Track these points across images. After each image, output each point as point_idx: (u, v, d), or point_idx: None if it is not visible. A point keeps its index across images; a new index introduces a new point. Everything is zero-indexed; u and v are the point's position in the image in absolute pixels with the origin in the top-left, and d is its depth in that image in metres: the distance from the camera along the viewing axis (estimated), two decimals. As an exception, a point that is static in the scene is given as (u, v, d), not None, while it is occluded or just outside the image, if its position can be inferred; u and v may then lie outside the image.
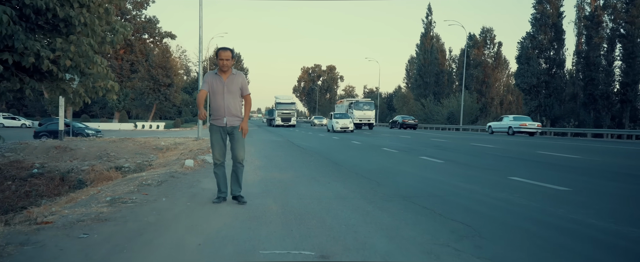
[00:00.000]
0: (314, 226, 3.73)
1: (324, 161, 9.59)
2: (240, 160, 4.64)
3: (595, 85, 40.02)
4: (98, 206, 4.46)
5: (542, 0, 43.10)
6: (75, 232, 3.45)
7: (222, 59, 4.44)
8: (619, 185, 6.36)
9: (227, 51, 4.47)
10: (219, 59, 4.45)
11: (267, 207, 4.50)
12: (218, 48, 4.52)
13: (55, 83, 5.23)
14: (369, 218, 4.03)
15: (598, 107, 40.29)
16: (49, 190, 10.79)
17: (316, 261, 2.85)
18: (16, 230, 3.46)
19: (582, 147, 14.69)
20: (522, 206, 4.68)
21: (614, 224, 3.83)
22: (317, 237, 3.37)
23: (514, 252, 3.11)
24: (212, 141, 4.62)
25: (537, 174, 7.16)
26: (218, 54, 4.47)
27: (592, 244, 3.30)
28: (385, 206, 4.59)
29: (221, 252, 3.03)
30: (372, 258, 2.91)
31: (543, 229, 3.71)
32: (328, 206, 4.55)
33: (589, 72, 40.48)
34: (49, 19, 4.80)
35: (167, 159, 11.75)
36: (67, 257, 2.88)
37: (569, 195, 5.31)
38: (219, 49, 4.49)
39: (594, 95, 40.01)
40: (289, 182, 6.21)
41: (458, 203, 4.81)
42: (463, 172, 7.55)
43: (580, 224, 3.82)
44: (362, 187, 5.79)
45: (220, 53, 4.46)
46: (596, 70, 40.05)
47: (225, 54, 4.44)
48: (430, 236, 3.44)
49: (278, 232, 3.52)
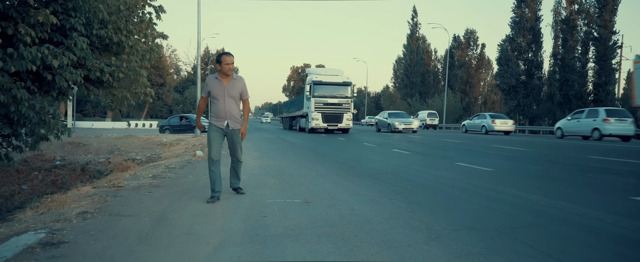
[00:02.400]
0: (300, 189, 5.50)
1: (310, 153, 11.36)
2: (238, 158, 4.96)
3: (570, 86, 42.23)
4: (145, 179, 6.18)
5: (521, 4, 45.26)
6: (142, 192, 5.19)
7: (227, 64, 4.60)
8: (535, 168, 8.22)
9: (231, 56, 4.64)
10: (225, 64, 4.60)
11: (267, 181, 6.25)
12: (221, 53, 4.70)
13: (108, 90, 6.94)
14: (339, 185, 5.82)
15: (572, 106, 42.48)
16: (72, 179, 12.38)
17: (301, 203, 4.63)
18: (104, 191, 5.18)
19: (535, 143, 16.64)
20: (451, 178, 6.50)
21: (512, 188, 5.65)
22: (302, 194, 5.14)
23: (427, 201, 4.90)
24: (210, 138, 4.70)
25: (478, 161, 9.01)
26: (221, 59, 4.61)
27: (485, 199, 5.09)
28: (353, 180, 6.38)
29: (242, 202, 4.76)
30: (336, 204, 4.67)
31: (455, 191, 5.52)
32: (311, 180, 6.32)
33: (564, 74, 42.67)
34: (106, 43, 6.52)
35: (174, 152, 13.41)
36: (147, 203, 4.61)
37: (491, 173, 7.15)
38: (221, 54, 4.65)
39: (569, 96, 42.24)
40: (282, 167, 7.97)
41: (406, 178, 6.61)
42: (421, 160, 9.37)
43: (484, 188, 5.63)
44: (338, 169, 7.59)
45: (224, 58, 4.60)
46: (571, 72, 42.26)
47: (229, 59, 4.60)
48: (377, 193, 5.23)
49: (276, 193, 5.28)
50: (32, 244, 3.06)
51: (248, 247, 3.13)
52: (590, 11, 42.36)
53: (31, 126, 5.46)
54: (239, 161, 5.02)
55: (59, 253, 2.95)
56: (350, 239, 3.30)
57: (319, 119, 21.53)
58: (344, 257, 2.89)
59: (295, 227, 3.65)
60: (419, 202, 4.76)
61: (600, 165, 8.38)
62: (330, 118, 21.66)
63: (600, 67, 41.08)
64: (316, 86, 21.76)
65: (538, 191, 5.41)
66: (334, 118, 21.73)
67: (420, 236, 3.39)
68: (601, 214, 4.10)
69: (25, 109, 5.14)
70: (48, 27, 5.43)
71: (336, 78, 22.11)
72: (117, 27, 6.45)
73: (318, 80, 21.85)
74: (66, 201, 4.68)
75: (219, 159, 4.72)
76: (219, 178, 4.72)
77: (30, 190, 12.09)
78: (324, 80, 21.89)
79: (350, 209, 4.36)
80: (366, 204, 4.59)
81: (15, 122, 5.31)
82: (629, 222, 3.81)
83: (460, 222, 3.82)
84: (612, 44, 40.65)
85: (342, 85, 21.97)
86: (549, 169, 8.07)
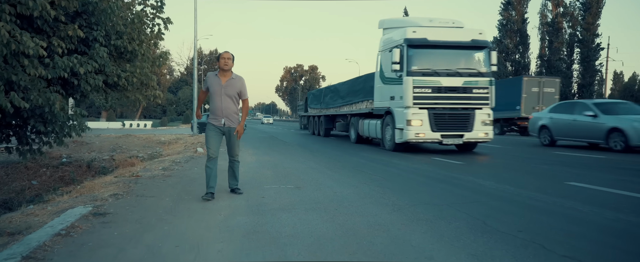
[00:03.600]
0: (293, 179, 6.43)
1: (302, 150, 12.29)
2: (235, 156, 5.05)
3: (556, 86, 43.52)
4: (157, 171, 7.08)
5: (508, 7, 46.49)
6: (157, 180, 6.10)
7: (224, 58, 4.76)
8: (499, 160, 9.21)
9: (229, 53, 4.82)
10: (221, 58, 4.77)
11: (263, 172, 7.17)
12: (221, 52, 4.88)
13: (122, 93, 7.82)
14: (326, 175, 6.76)
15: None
16: (79, 175, 13.19)
17: (293, 188, 5.56)
18: (125, 179, 6.09)
19: (511, 141, 17.69)
20: (424, 169, 7.47)
21: (472, 176, 6.61)
22: (294, 182, 6.07)
23: (398, 186, 5.84)
24: (208, 136, 4.82)
25: (452, 156, 9.98)
26: (220, 56, 4.81)
27: (446, 184, 6.04)
28: (339, 171, 7.32)
29: (244, 186, 5.68)
30: (323, 189, 5.60)
31: (424, 178, 6.48)
32: (303, 172, 7.26)
33: (550, 74, 43.93)
34: (121, 52, 7.41)
35: (174, 150, 14.28)
36: (164, 188, 5.52)
37: (461, 166, 8.13)
38: (221, 53, 4.87)
39: (554, 96, 43.57)
40: (276, 161, 8.90)
41: (385, 170, 7.55)
42: (403, 155, 10.33)
43: (449, 177, 6.59)
44: (327, 163, 8.53)
45: (222, 54, 4.82)
46: (557, 73, 43.53)
47: (226, 54, 4.79)
48: (358, 181, 6.18)
49: (272, 181, 6.20)
50: (85, 214, 3.97)
51: (251, 216, 4.05)
52: (574, 14, 43.71)
53: (61, 124, 6.34)
54: (236, 160, 5.08)
55: (107, 220, 3.86)
56: (331, 211, 4.24)
57: (424, 123, 10.12)
58: (325, 221, 3.82)
59: (288, 204, 4.58)
60: (392, 187, 5.71)
61: (557, 159, 9.39)
62: (449, 121, 10.27)
63: (584, 68, 42.45)
64: (417, 51, 10.30)
65: (492, 178, 6.39)
66: (455, 121, 10.32)
67: (386, 209, 4.33)
68: (533, 194, 5.08)
69: (57, 110, 6.02)
70: (75, 39, 6.32)
71: (457, 34, 10.64)
72: (131, 38, 7.34)
73: (421, 37, 10.30)
74: (95, 187, 5.58)
75: (217, 156, 4.83)
76: (215, 175, 4.82)
77: (40, 185, 12.90)
78: (434, 37, 10.33)
79: (333, 192, 5.30)
80: (347, 189, 5.54)
81: (48, 121, 6.19)
82: (551, 199, 4.78)
83: (420, 200, 4.78)
84: (595, 45, 41.96)
85: (469, 49, 10.61)
86: (510, 162, 9.06)
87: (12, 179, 13.47)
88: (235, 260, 2.87)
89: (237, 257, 2.93)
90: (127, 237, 3.37)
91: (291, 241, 3.26)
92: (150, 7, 7.74)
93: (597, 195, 5.13)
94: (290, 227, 3.64)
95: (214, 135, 4.84)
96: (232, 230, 3.58)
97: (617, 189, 5.44)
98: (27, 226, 3.72)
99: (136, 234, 3.45)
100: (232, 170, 5.14)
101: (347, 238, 3.33)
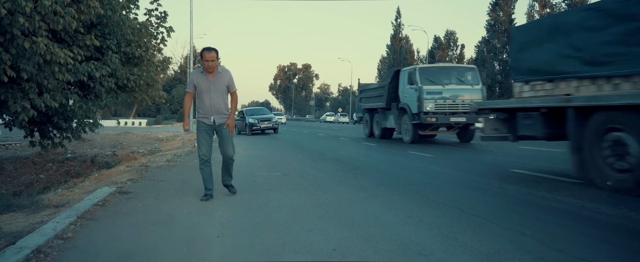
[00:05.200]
0: (281, 167, 7.45)
1: (293, 145, 13.31)
2: (230, 156, 4.79)
3: (541, 85, 44.80)
4: (162, 162, 8.07)
5: (496, 8, 47.73)
6: (164, 169, 7.09)
7: (206, 60, 4.44)
8: (460, 154, 10.28)
9: (212, 52, 4.47)
10: (204, 60, 4.45)
11: (256, 163, 8.18)
12: (203, 49, 4.48)
13: (131, 94, 8.81)
14: (310, 165, 7.79)
15: (543, 104, 45.16)
16: (84, 170, 14.10)
17: (281, 175, 6.58)
18: (137, 168, 7.08)
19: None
20: (397, 161, 8.51)
21: (436, 166, 7.65)
22: (282, 170, 7.09)
23: (369, 173, 6.86)
24: (199, 138, 4.69)
25: (426, 150, 11.05)
26: (202, 55, 4.44)
27: (411, 171, 7.08)
28: (322, 162, 8.35)
29: (240, 173, 6.68)
30: (305, 175, 6.61)
31: (394, 167, 7.52)
32: (290, 162, 8.28)
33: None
34: (129, 57, 8.39)
35: (172, 145, 15.23)
36: (171, 175, 6.51)
37: (431, 158, 9.19)
38: (203, 49, 4.47)
39: (540, 94, 44.80)
40: (267, 155, 9.91)
41: (362, 161, 8.59)
42: (384, 150, 11.38)
43: (416, 167, 7.63)
44: (312, 156, 9.56)
45: (204, 54, 4.44)
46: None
47: (210, 55, 4.44)
48: (336, 169, 7.21)
49: (264, 169, 7.22)
50: (112, 192, 4.96)
51: (245, 195, 5.06)
52: (559, 15, 45.02)
53: (78, 121, 7.31)
54: (231, 159, 4.84)
55: (130, 196, 4.86)
56: (309, 191, 5.27)
57: None
58: (304, 197, 4.84)
59: (276, 186, 5.60)
60: (363, 174, 6.75)
61: (516, 151, 10.48)
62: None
63: (569, 67, 43.71)
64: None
65: (451, 167, 7.45)
66: None
67: (354, 189, 5.36)
68: (476, 178, 6.14)
69: (77, 108, 7.00)
70: (91, 47, 7.29)
71: None
72: (138, 45, 8.32)
73: None
74: (112, 174, 6.57)
75: (210, 157, 4.68)
76: (211, 176, 4.72)
77: (47, 179, 13.79)
78: None
79: (314, 177, 6.33)
80: (325, 175, 6.57)
81: (68, 118, 7.17)
82: (488, 181, 5.83)
83: (383, 182, 5.82)
84: (579, 45, 43.24)
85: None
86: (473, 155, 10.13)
87: (21, 173, 14.35)
88: (233, 222, 3.87)
89: (235, 219, 3.94)
90: (149, 207, 4.38)
91: (276, 209, 4.28)
92: (154, 17, 8.72)
93: (528, 178, 6.20)
94: (276, 201, 4.66)
95: (204, 135, 4.68)
96: (231, 203, 4.59)
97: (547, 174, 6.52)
98: (66, 201, 4.71)
99: (155, 205, 4.46)
100: (226, 167, 4.91)
101: (319, 207, 4.35)
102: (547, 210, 4.13)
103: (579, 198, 4.55)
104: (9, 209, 4.45)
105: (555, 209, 4.15)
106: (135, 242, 3.25)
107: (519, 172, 6.66)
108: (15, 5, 4.72)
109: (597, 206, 4.17)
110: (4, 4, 4.60)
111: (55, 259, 2.87)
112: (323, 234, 3.38)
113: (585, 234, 3.32)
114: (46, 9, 5.13)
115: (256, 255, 2.93)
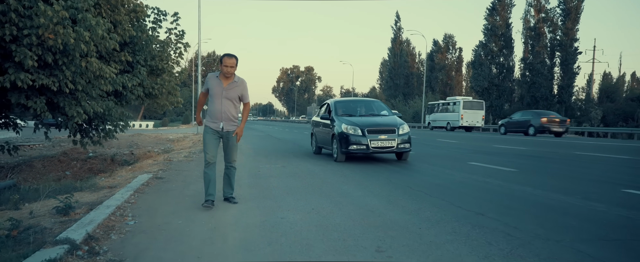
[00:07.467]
0: (280, 161, 8.94)
1: (291, 145, 14.81)
2: (233, 161, 4.80)
3: (537, 88, 46.13)
4: (181, 158, 9.57)
5: (493, 13, 49.10)
6: (184, 163, 8.60)
7: (226, 66, 4.48)
8: (450, 152, 11.73)
9: (232, 58, 4.52)
10: (223, 65, 4.49)
11: (259, 157, 9.67)
12: (224, 54, 4.54)
13: (154, 100, 10.35)
14: (304, 159, 9.27)
15: (539, 106, 46.44)
16: (105, 167, 15.65)
17: (280, 166, 8.07)
18: (162, 162, 8.59)
19: (479, 137, 20.25)
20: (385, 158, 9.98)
21: (425, 164, 9.11)
22: (280, 162, 8.58)
23: (355, 165, 8.34)
24: (206, 141, 4.68)
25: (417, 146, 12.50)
26: (222, 60, 4.49)
27: (392, 165, 8.54)
28: (315, 157, 9.84)
29: (247, 167, 8.16)
30: (300, 166, 8.08)
31: (381, 161, 8.99)
32: (287, 157, 9.77)
33: (532, 77, 46.58)
34: (153, 69, 9.92)
35: (184, 145, 16.76)
36: (192, 167, 8.01)
37: (418, 155, 10.64)
38: (224, 55, 4.53)
39: (536, 97, 46.16)
40: (268, 152, 11.41)
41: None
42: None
43: (398, 162, 9.09)
44: (307, 152, 11.06)
45: (224, 59, 4.49)
46: (538, 75, 46.15)
47: (230, 61, 4.49)
48: (326, 163, 8.68)
49: (264, 162, 8.71)
50: (150, 178, 6.47)
51: (252, 179, 6.55)
52: (553, 19, 46.36)
53: (113, 123, 8.84)
54: (233, 166, 4.84)
55: (164, 181, 6.37)
56: (303, 177, 6.75)
57: None
58: (298, 180, 6.32)
59: (276, 174, 7.09)
60: (349, 167, 8.23)
61: (510, 151, 11.93)
62: None
63: (564, 71, 45.11)
64: None
65: (443, 165, 8.91)
66: None
67: (338, 178, 6.83)
68: (444, 170, 7.59)
69: (113, 112, 8.52)
70: (124, 62, 8.82)
71: None
72: (161, 58, 9.86)
73: None
74: (143, 166, 8.08)
75: (215, 162, 4.69)
76: (214, 182, 4.69)
77: (72, 175, 15.35)
78: None
79: (307, 168, 7.82)
80: (317, 166, 8.06)
81: (106, 121, 8.69)
82: (450, 172, 7.29)
83: (366, 173, 7.29)
84: (573, 50, 44.61)
85: None
86: (464, 154, 11.58)
87: (49, 170, 15.87)
88: (245, 194, 5.34)
89: (246, 192, 5.42)
90: (180, 187, 5.88)
91: (275, 189, 5.76)
92: (174, 35, 10.26)
93: (488, 171, 7.67)
94: (276, 183, 6.16)
95: (211, 139, 4.67)
96: (240, 185, 6.09)
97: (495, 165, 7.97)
98: (115, 184, 6.22)
99: (185, 185, 5.97)
100: (227, 177, 4.90)
101: (307, 187, 5.84)
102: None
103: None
104: (75, 190, 5.97)
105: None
106: (177, 206, 4.74)
107: (476, 165, 8.10)
108: (79, 35, 6.22)
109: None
110: (71, 35, 6.11)
111: (132, 209, 4.38)
112: (306, 201, 4.87)
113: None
114: (98, 36, 6.64)
115: (261, 211, 4.42)
